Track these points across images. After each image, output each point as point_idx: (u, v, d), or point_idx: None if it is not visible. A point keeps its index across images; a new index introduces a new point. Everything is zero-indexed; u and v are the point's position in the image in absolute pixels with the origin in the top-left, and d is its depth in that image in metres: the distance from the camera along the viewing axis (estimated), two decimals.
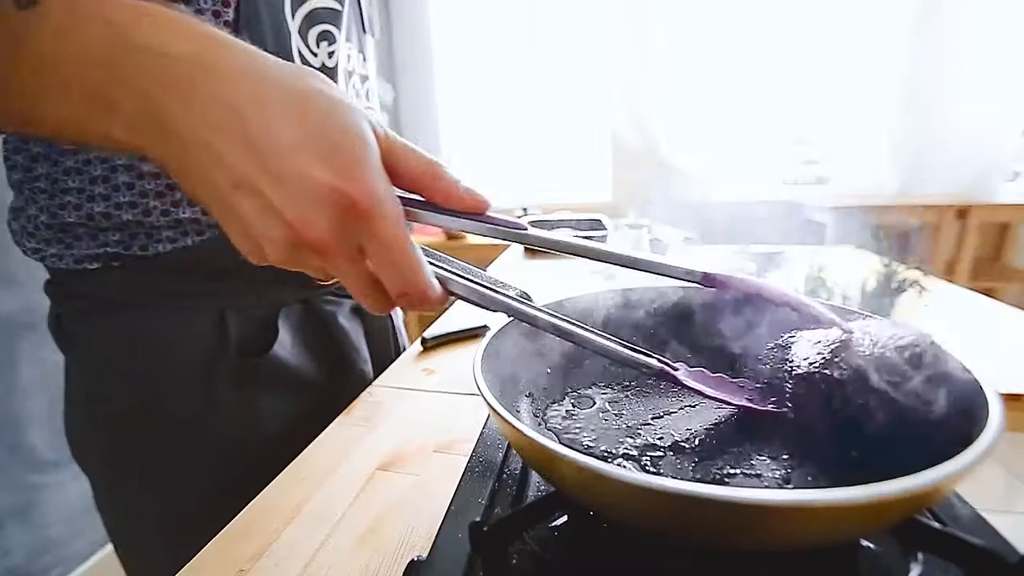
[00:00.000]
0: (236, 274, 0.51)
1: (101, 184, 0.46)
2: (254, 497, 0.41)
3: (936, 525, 0.22)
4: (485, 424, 0.35)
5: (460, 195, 0.27)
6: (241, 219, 0.24)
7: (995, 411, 0.19)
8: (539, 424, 0.31)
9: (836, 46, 2.58)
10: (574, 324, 0.26)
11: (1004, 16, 2.38)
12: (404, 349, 0.73)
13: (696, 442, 0.28)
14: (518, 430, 0.21)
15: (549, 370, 0.34)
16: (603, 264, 0.80)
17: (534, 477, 0.29)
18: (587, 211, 2.81)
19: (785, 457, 0.27)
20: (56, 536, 1.22)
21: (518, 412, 0.30)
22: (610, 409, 0.32)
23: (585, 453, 0.22)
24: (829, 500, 0.16)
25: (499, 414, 0.22)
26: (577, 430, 0.29)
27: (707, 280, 0.26)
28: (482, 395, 0.24)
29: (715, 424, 0.30)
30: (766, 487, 0.24)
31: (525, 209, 2.58)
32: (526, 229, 0.27)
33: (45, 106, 0.25)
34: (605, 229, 1.42)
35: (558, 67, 2.78)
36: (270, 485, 0.42)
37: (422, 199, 0.28)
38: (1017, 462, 1.81)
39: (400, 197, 0.25)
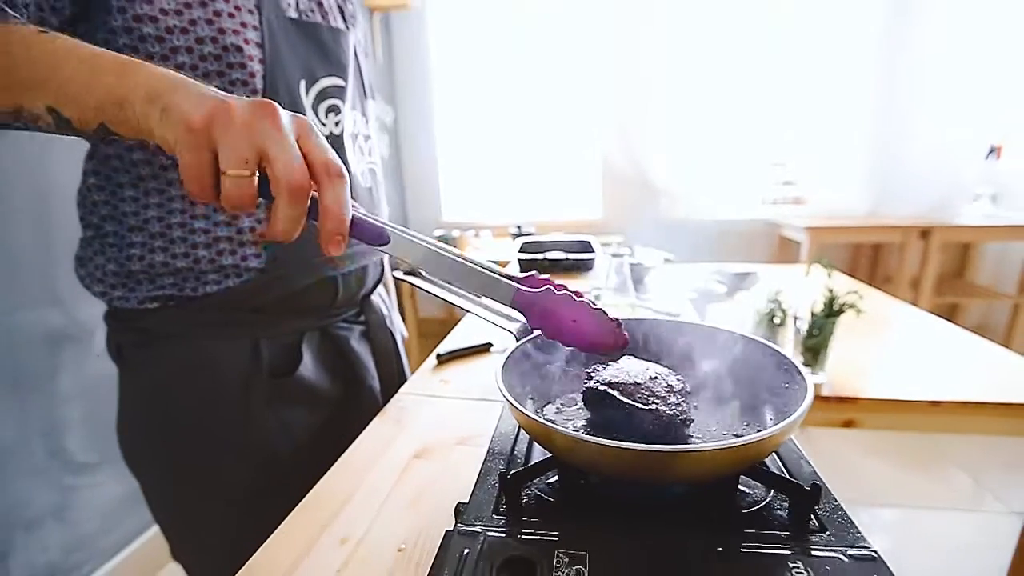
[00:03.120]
0: (268, 308, 0.63)
1: (159, 239, 0.57)
2: (286, 495, 0.51)
3: (784, 474, 0.35)
4: (499, 421, 0.48)
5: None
6: (214, 97, 0.33)
7: (810, 393, 0.33)
8: (539, 417, 0.44)
9: (811, 77, 2.76)
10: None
11: (966, 52, 2.58)
12: (406, 368, 0.85)
13: None
14: (529, 417, 0.34)
15: (545, 381, 0.47)
16: (590, 284, 0.93)
17: (535, 453, 0.42)
18: (579, 228, 2.97)
19: (701, 435, 0.40)
20: (89, 533, 1.32)
21: (525, 409, 0.43)
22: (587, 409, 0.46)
23: None
24: (701, 448, 0.29)
25: (517, 408, 0.35)
26: (564, 421, 0.43)
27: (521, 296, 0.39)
28: (504, 396, 0.37)
29: None
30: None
31: (519, 227, 2.72)
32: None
33: (75, 76, 0.36)
34: (593, 251, 1.56)
35: (552, 92, 2.94)
36: (328, 472, 0.55)
37: None
38: (980, 466, 1.97)
39: None
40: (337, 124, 0.65)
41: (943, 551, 1.59)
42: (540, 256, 1.45)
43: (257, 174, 0.32)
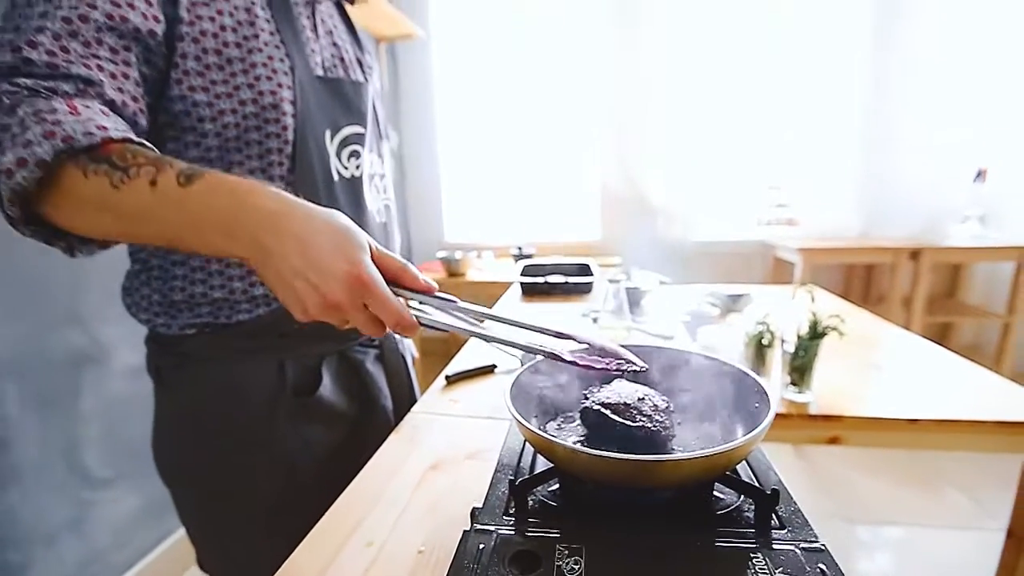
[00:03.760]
0: (292, 334, 0.68)
1: (199, 272, 0.64)
2: (306, 506, 0.56)
3: (753, 481, 0.41)
4: (507, 436, 0.54)
5: (420, 281, 0.45)
6: (296, 293, 0.42)
7: (772, 412, 0.39)
8: (543, 432, 0.50)
9: (804, 102, 2.87)
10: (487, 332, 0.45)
11: (951, 78, 2.69)
12: (416, 389, 0.91)
13: None
14: (534, 432, 0.40)
15: (548, 401, 0.54)
16: (589, 306, 1.01)
17: (539, 464, 0.48)
18: (578, 248, 3.04)
19: (683, 447, 0.46)
20: (104, 547, 1.36)
21: (530, 425, 0.49)
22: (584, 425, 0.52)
23: None
24: (678, 457, 0.35)
25: (523, 425, 0.41)
26: (564, 435, 0.49)
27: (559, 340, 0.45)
28: (512, 415, 0.43)
29: None
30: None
31: (520, 248, 2.79)
32: (455, 302, 0.46)
33: (191, 235, 0.44)
34: (592, 274, 1.63)
35: (552, 116, 3.04)
36: (352, 483, 0.60)
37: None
38: (978, 485, 2.01)
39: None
40: (357, 167, 0.72)
41: (944, 569, 1.63)
42: (541, 279, 1.51)
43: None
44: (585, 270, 1.66)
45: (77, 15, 0.47)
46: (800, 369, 1.05)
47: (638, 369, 0.44)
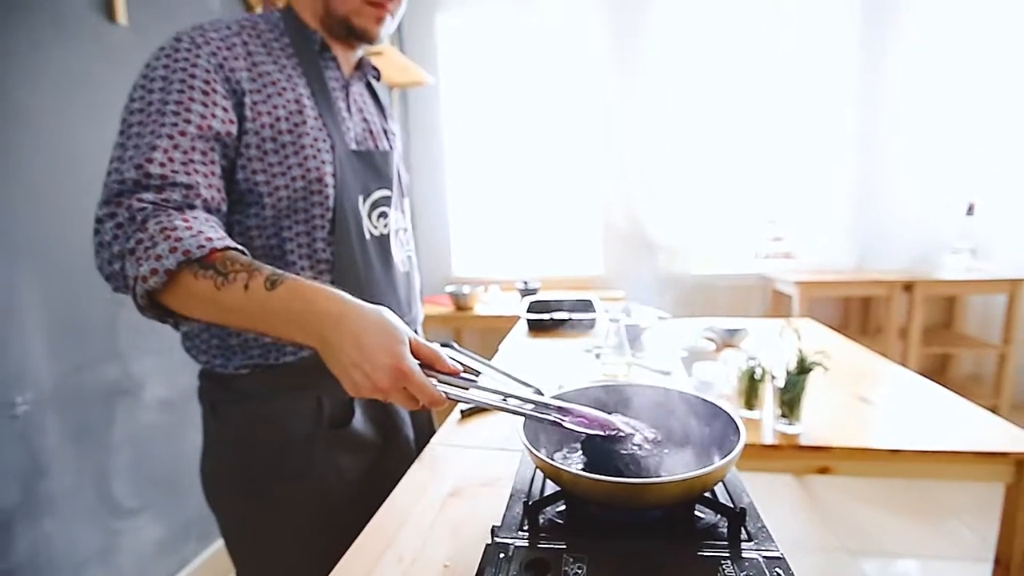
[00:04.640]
0: (330, 373, 0.78)
1: None
2: (339, 527, 0.64)
3: (728, 502, 0.49)
4: (520, 465, 0.62)
5: (448, 365, 0.56)
6: (352, 379, 0.52)
7: (741, 439, 0.47)
8: (551, 461, 0.58)
9: (799, 140, 3.00)
10: (503, 404, 0.55)
11: (942, 115, 2.82)
12: (434, 421, 1.00)
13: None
14: (543, 460, 0.48)
15: (554, 434, 0.62)
16: (592, 342, 1.11)
17: (548, 488, 0.56)
18: (581, 283, 3.12)
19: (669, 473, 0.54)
20: None
21: (540, 455, 0.57)
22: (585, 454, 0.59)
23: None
24: (662, 480, 0.44)
25: (534, 454, 0.50)
26: (569, 464, 0.57)
27: (560, 411, 0.54)
28: (525, 446, 0.51)
29: None
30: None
31: (526, 282, 2.88)
32: (476, 381, 0.56)
33: (272, 328, 0.56)
34: (595, 311, 1.71)
35: (555, 156, 3.18)
36: (380, 509, 0.67)
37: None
38: (979, 515, 2.03)
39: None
40: (385, 226, 0.83)
41: None
42: (547, 316, 1.60)
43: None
44: (588, 306, 1.74)
45: (178, 131, 0.60)
46: (790, 402, 1.12)
47: (624, 435, 0.52)
